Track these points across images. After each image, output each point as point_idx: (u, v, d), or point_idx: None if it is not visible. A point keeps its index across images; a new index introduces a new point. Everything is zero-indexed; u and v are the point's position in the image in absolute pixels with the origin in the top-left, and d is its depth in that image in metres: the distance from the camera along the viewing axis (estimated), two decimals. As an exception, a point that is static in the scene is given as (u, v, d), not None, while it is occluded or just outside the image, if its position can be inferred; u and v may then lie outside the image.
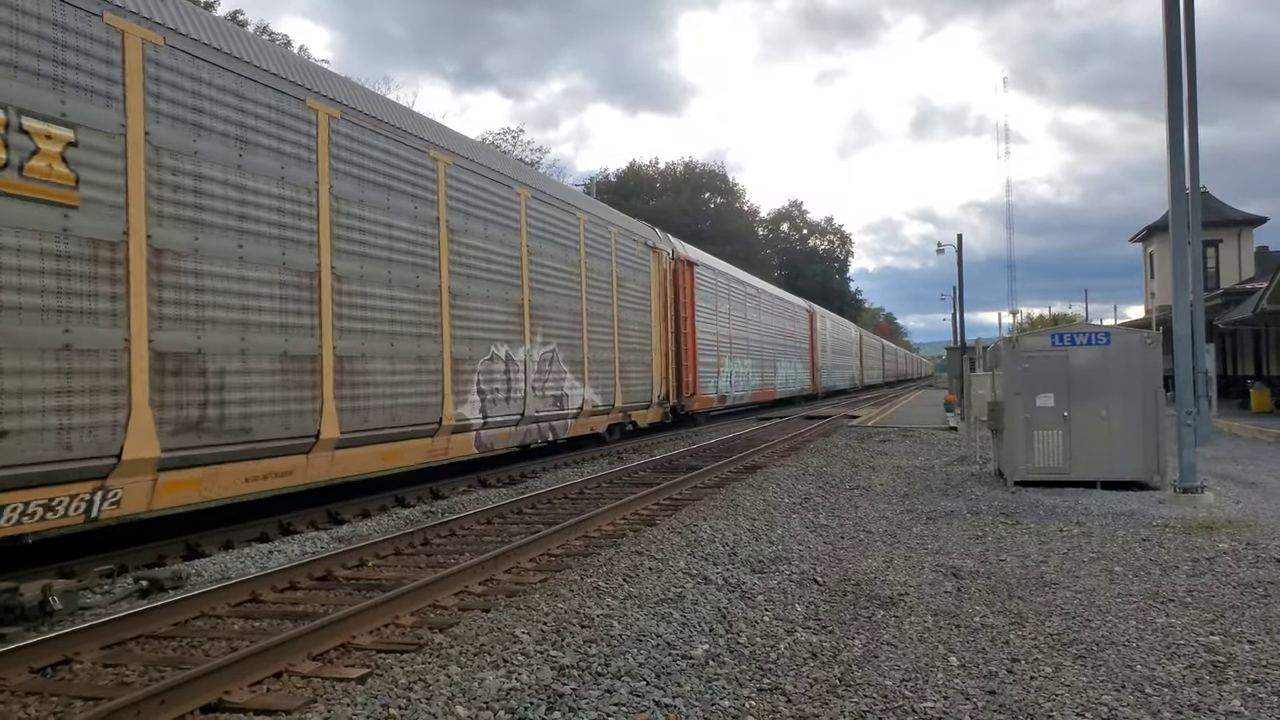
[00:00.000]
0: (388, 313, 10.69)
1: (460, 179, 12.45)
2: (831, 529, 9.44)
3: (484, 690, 4.56)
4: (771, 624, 5.95)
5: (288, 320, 9.10)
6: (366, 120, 10.51)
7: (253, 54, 8.98)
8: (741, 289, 30.17)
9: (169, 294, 7.79)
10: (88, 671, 5.17)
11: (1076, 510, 10.21)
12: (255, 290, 8.73)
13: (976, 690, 4.74)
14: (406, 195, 11.18)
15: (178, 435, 7.79)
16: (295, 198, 9.32)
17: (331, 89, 10.16)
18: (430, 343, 11.51)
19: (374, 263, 10.47)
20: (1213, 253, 39.21)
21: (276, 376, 8.93)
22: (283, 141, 9.19)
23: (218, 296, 8.30)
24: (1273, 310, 24.24)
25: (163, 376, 7.67)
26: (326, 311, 9.63)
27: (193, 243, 8.07)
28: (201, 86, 8.23)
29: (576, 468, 15.80)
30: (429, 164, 11.69)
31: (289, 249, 9.19)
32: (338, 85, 10.49)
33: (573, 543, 8.61)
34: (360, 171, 10.37)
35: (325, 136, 9.80)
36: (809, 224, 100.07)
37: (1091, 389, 11.90)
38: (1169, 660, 5.18)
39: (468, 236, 12.53)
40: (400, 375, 10.85)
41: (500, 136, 53.11)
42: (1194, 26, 11.40)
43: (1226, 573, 7.24)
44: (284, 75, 9.30)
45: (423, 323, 11.38)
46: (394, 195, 10.91)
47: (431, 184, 11.73)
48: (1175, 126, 11.20)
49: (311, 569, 7.44)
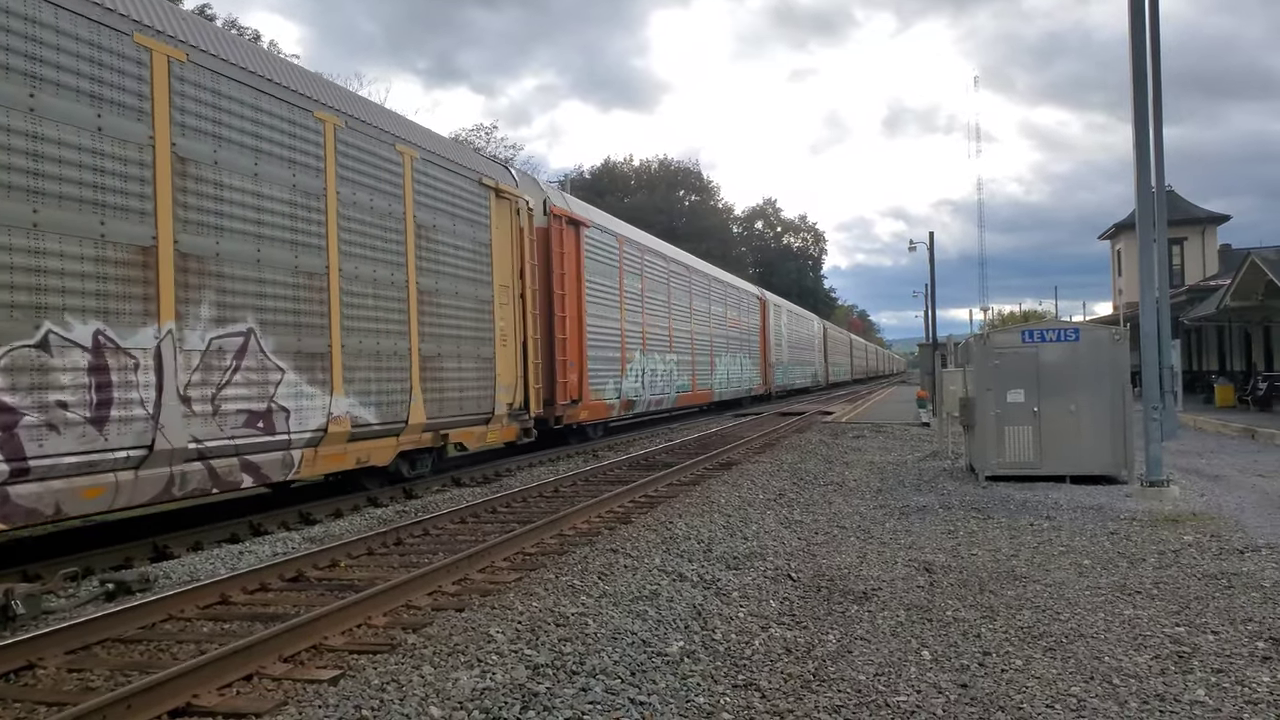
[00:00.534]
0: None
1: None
2: (806, 525, 9.48)
3: (458, 690, 4.53)
4: (746, 620, 5.97)
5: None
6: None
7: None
8: (664, 265, 24.47)
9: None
10: (52, 676, 5.08)
11: (1046, 504, 10.33)
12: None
13: (949, 684, 4.78)
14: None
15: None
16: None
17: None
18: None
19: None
20: (1178, 250, 39.84)
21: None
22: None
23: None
24: (1236, 307, 24.68)
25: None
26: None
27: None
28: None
29: (551, 465, 15.77)
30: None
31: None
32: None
33: (548, 541, 8.58)
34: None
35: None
36: (783, 221, 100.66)
37: (1061, 385, 12.04)
38: (1136, 651, 5.26)
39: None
40: None
41: (474, 133, 52.86)
42: (1159, 28, 11.55)
43: (1191, 564, 7.36)
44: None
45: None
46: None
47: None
48: (1141, 126, 11.35)
49: (283, 570, 7.36)
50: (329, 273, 10.31)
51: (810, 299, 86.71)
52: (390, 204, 11.58)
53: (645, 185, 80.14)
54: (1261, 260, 22.35)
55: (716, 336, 29.76)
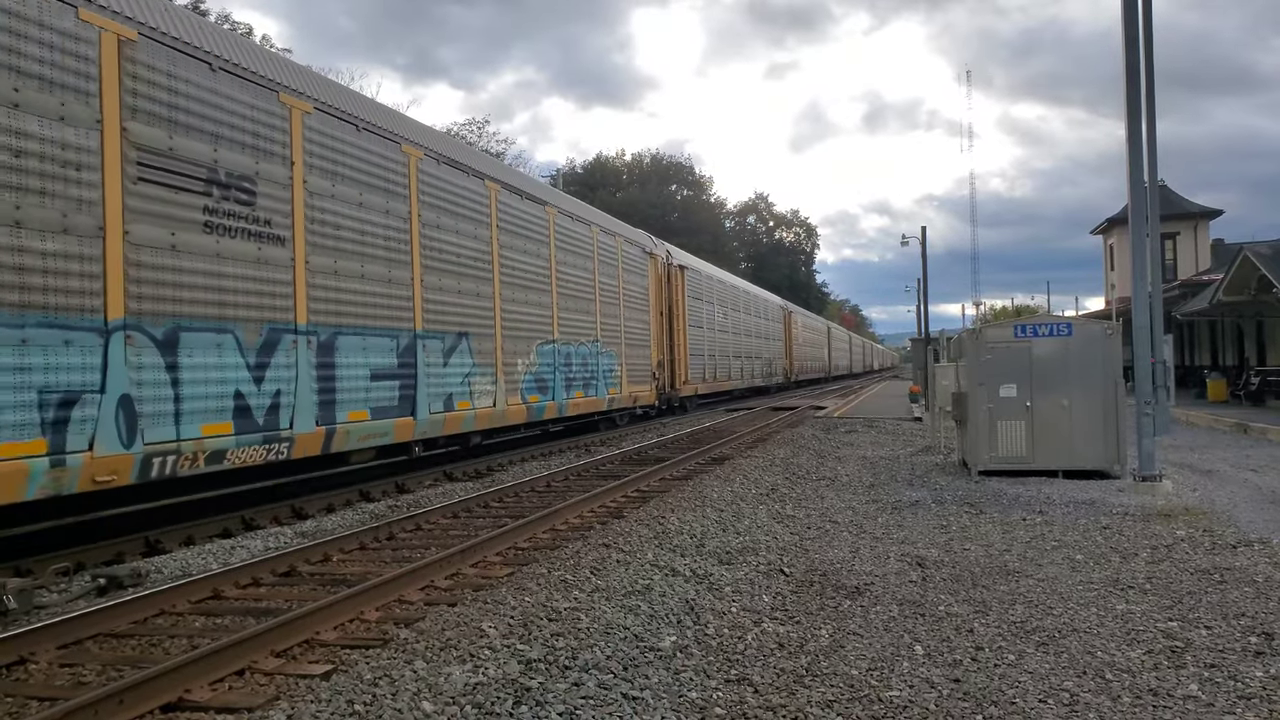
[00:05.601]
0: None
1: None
2: (798, 520, 9.49)
3: (450, 685, 4.52)
4: (739, 615, 5.97)
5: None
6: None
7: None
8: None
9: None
10: (44, 671, 5.06)
11: (1039, 499, 10.35)
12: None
13: (941, 679, 4.78)
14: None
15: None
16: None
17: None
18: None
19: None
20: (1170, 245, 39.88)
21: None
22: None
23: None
24: (1228, 302, 24.75)
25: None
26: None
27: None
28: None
29: (544, 460, 15.75)
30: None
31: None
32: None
33: (540, 536, 8.57)
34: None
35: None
36: (775, 216, 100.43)
37: (1053, 379, 12.06)
38: (1129, 646, 5.27)
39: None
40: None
41: (465, 128, 52.68)
42: (1152, 20, 11.52)
43: (1184, 559, 7.38)
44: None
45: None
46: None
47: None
48: (1134, 119, 11.35)
49: (275, 564, 7.34)
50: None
51: (803, 294, 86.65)
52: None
53: (637, 180, 79.96)
54: (1254, 255, 22.42)
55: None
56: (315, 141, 10.01)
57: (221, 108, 8.73)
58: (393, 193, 11.33)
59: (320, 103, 10.13)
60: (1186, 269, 38.95)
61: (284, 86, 9.56)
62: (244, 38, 12.70)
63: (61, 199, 7.05)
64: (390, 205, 11.25)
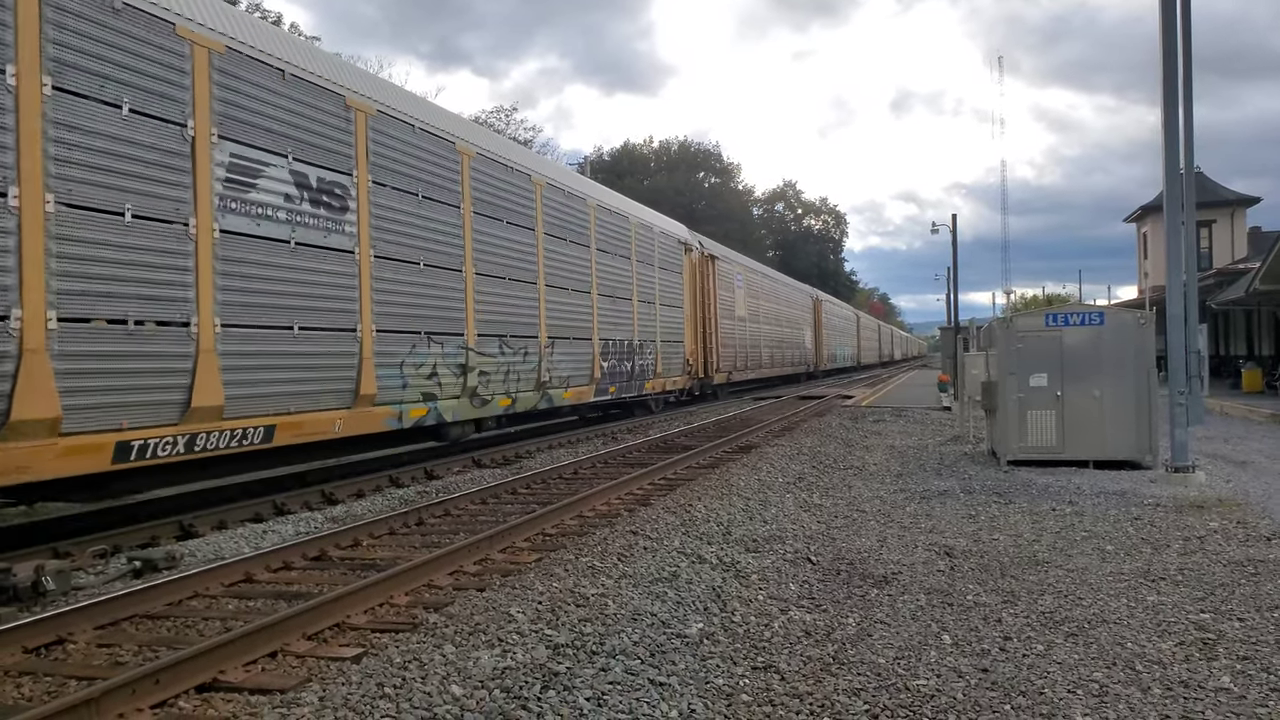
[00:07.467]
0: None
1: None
2: (825, 508, 9.47)
3: (479, 669, 4.57)
4: (766, 603, 5.97)
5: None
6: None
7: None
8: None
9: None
10: (81, 651, 5.17)
11: (1069, 489, 10.25)
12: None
13: (969, 668, 4.76)
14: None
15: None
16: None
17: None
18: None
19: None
20: (1206, 233, 39.22)
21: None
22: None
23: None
24: (1265, 290, 24.28)
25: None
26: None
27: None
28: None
29: (571, 448, 15.82)
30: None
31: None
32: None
33: (567, 522, 8.62)
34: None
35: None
36: (804, 203, 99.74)
37: (1085, 369, 11.92)
38: (1160, 638, 5.22)
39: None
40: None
41: (493, 115, 52.79)
42: (1190, 6, 11.30)
43: (1217, 551, 7.28)
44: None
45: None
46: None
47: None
48: (1170, 105, 11.14)
49: (306, 549, 7.44)
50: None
51: (831, 282, 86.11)
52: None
53: (665, 167, 79.71)
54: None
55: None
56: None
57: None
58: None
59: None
60: (1222, 257, 38.31)
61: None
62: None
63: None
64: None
